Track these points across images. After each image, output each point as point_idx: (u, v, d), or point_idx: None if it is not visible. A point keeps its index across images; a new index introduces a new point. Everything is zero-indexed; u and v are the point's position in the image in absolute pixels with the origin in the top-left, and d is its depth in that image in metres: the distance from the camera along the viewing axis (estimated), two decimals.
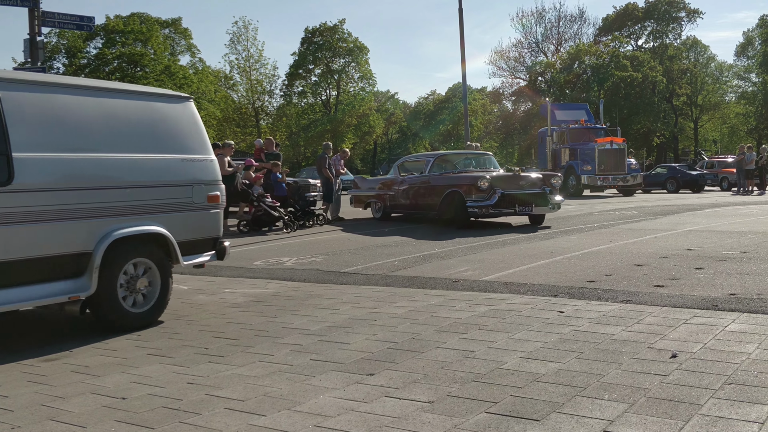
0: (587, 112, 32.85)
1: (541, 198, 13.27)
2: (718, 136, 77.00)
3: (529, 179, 13.70)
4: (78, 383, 4.34)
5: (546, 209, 13.38)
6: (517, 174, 13.88)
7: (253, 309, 6.50)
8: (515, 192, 13.15)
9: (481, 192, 12.91)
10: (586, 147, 27.81)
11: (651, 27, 65.01)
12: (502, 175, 13.91)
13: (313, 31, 61.37)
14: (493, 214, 13.07)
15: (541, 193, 13.32)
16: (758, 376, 3.92)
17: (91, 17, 15.32)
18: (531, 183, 13.53)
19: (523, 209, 13.13)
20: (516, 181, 13.51)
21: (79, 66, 57.32)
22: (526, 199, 13.11)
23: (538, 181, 13.58)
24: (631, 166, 28.06)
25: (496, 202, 12.85)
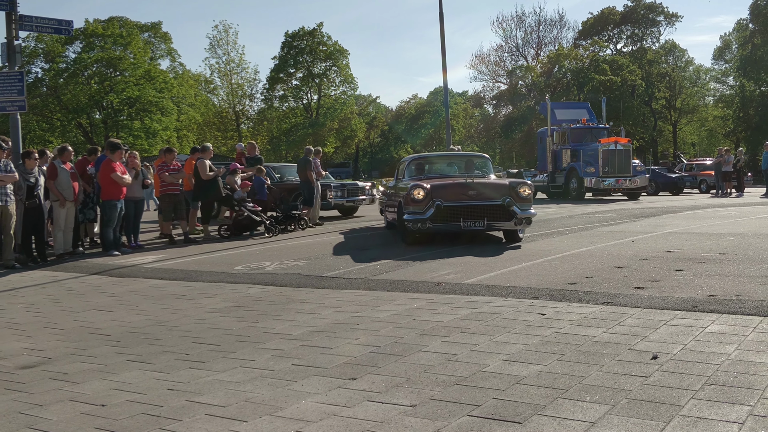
0: (589, 111, 31.46)
1: (500, 211, 10.83)
2: (696, 139, 77.78)
3: (485, 188, 11.18)
4: (56, 390, 4.29)
5: (506, 225, 10.97)
6: (469, 182, 11.33)
7: (234, 314, 6.46)
8: (460, 204, 10.89)
9: (416, 203, 10.91)
10: (589, 148, 26.59)
11: (629, 31, 65.59)
12: (450, 183, 11.51)
13: (294, 35, 61.36)
14: (432, 229, 10.96)
15: (498, 205, 10.82)
16: (738, 376, 3.95)
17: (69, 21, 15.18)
18: (486, 193, 11.04)
19: (471, 224, 10.83)
20: (464, 190, 11.09)
21: (58, 70, 56.82)
22: (474, 213, 10.87)
23: (498, 191, 11.05)
24: (637, 168, 26.62)
25: (431, 215, 10.76)
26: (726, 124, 62.72)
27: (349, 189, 19.29)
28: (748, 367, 4.11)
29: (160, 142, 54.78)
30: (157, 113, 58.10)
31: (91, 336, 5.79)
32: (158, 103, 57.54)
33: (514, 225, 10.90)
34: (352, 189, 19.41)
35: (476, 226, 10.83)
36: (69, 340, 5.69)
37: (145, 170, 13.84)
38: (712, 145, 69.40)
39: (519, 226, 10.97)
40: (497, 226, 11.02)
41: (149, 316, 6.59)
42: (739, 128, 58.69)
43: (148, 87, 56.87)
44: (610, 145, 25.98)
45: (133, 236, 13.08)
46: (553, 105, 30.43)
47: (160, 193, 14.40)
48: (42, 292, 8.39)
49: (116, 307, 7.17)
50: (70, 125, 57.03)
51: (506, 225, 10.97)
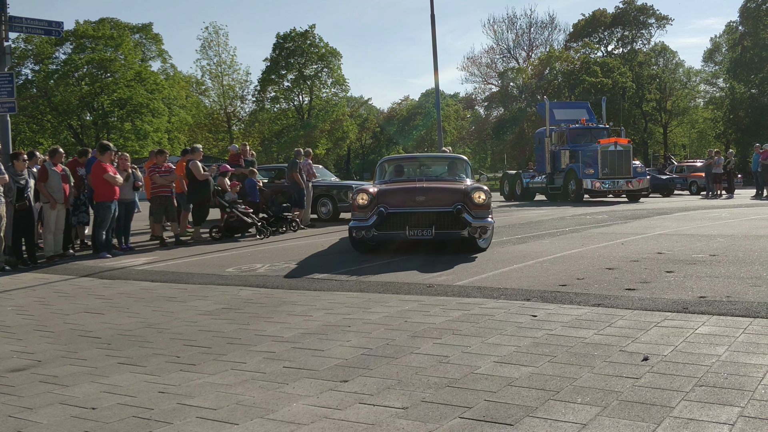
0: (588, 110, 30.50)
1: (449, 219, 9.94)
2: (687, 141, 78.10)
3: (436, 194, 10.24)
4: (46, 393, 4.27)
5: (457, 234, 10.01)
6: (418, 187, 10.39)
7: (225, 316, 6.44)
8: (406, 210, 10.05)
9: (361, 209, 10.18)
10: (588, 148, 25.87)
11: (620, 33, 65.84)
12: (398, 188, 10.67)
13: (285, 37, 61.32)
14: (377, 237, 10.18)
15: (448, 213, 9.92)
16: (728, 377, 3.96)
17: (60, 22, 15.13)
18: (436, 199, 10.10)
19: (418, 233, 9.94)
20: (412, 196, 10.19)
21: (48, 72, 56.61)
22: (422, 220, 9.98)
23: (450, 197, 10.11)
24: (638, 169, 25.80)
25: (374, 222, 9.96)
26: (716, 126, 63.02)
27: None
28: (739, 368, 4.13)
29: (151, 144, 54.67)
30: (148, 115, 57.97)
31: (81, 338, 5.77)
32: (149, 105, 57.42)
33: (467, 234, 9.89)
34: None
35: (423, 235, 9.90)
36: (59, 342, 5.67)
37: (136, 172, 13.80)
38: (702, 147, 69.74)
39: (474, 236, 9.95)
40: (447, 235, 10.05)
41: (140, 318, 6.57)
42: (729, 130, 58.98)
43: (138, 88, 56.75)
44: (610, 145, 25.35)
45: (123, 238, 13.04)
46: (551, 105, 29.79)
47: (151, 195, 14.36)
48: (32, 295, 8.35)
49: (107, 309, 7.14)
50: (61, 127, 56.83)
51: (457, 234, 10.00)
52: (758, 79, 55.41)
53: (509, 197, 30.98)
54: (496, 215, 18.68)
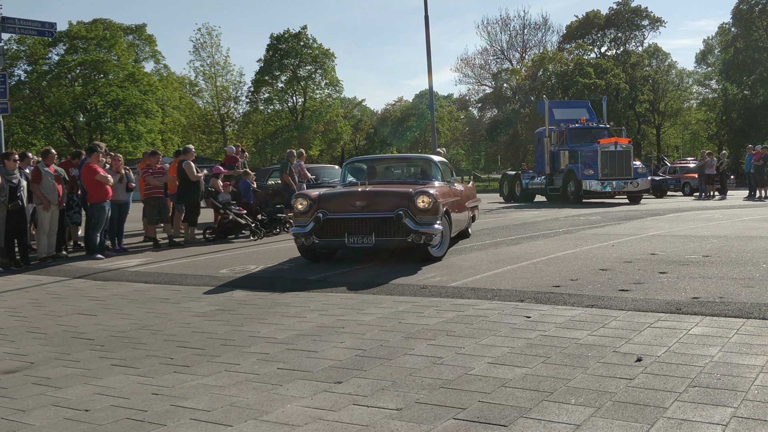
0: (589, 110, 29.67)
1: (390, 225, 9.20)
2: (680, 142, 78.37)
3: (377, 198, 9.45)
4: (39, 395, 4.25)
5: (400, 242, 9.24)
6: (358, 191, 9.64)
7: (218, 318, 6.43)
8: (344, 216, 9.38)
9: (301, 215, 9.59)
10: (588, 149, 25.22)
11: (613, 34, 65.98)
12: (340, 192, 10.05)
13: (278, 38, 61.26)
14: (318, 245, 9.57)
15: (388, 218, 9.19)
16: (721, 378, 3.97)
17: (53, 23, 15.11)
18: (377, 204, 9.36)
19: (357, 240, 9.28)
20: (352, 200, 9.49)
21: (41, 73, 56.44)
22: (361, 226, 9.30)
23: (393, 202, 9.32)
24: (638, 170, 25.23)
25: (311, 229, 9.34)
26: (709, 127, 63.22)
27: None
28: (732, 368, 4.14)
29: (145, 145, 54.57)
30: (141, 116, 57.86)
31: (74, 340, 5.75)
32: (142, 106, 57.31)
33: (411, 242, 9.12)
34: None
35: (363, 243, 9.25)
36: (52, 344, 5.65)
37: (129, 174, 13.77)
38: (695, 148, 69.94)
39: (419, 243, 9.15)
40: (388, 242, 9.32)
41: (133, 320, 6.55)
42: (722, 131, 59.17)
43: (132, 89, 56.64)
44: (610, 146, 24.75)
45: (117, 239, 13.01)
46: (551, 104, 29.10)
47: (144, 196, 14.33)
48: (25, 296, 8.32)
49: (100, 311, 7.12)
50: (54, 128, 56.66)
51: (399, 242, 9.25)
52: (751, 80, 55.61)
53: (508, 198, 30.62)
54: (490, 216, 18.81)
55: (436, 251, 9.65)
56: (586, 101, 34.31)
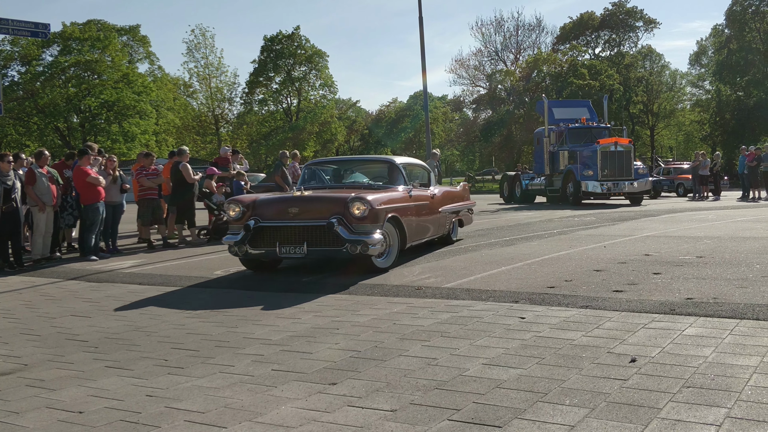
0: (590, 109, 29.00)
1: (323, 234, 8.50)
2: (674, 143, 78.57)
3: (311, 204, 8.85)
4: (33, 397, 4.24)
5: (335, 252, 8.53)
6: (293, 196, 9.10)
7: (213, 319, 6.42)
8: (276, 224, 8.74)
9: (234, 222, 9.08)
10: (587, 149, 24.55)
11: (607, 36, 66.10)
12: (276, 197, 9.50)
13: (272, 39, 61.23)
14: (253, 255, 8.98)
15: (320, 227, 8.50)
16: (715, 379, 3.98)
17: (46, 24, 15.08)
18: (311, 211, 8.70)
19: (289, 250, 8.61)
20: (286, 207, 8.87)
21: (35, 74, 56.29)
22: (293, 235, 8.63)
23: (328, 209, 8.64)
24: (639, 171, 24.62)
25: (242, 237, 8.75)
26: (703, 128, 63.38)
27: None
28: (725, 369, 4.15)
29: (139, 146, 54.44)
30: (135, 117, 57.73)
31: (68, 342, 5.74)
32: (136, 107, 57.18)
33: (347, 252, 8.40)
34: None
35: (295, 253, 8.59)
36: (46, 346, 5.63)
37: (123, 175, 13.75)
38: (689, 149, 70.10)
39: (355, 254, 8.42)
40: (322, 253, 8.66)
41: (127, 321, 6.54)
42: (715, 132, 59.32)
43: (126, 90, 56.50)
44: (610, 146, 24.04)
45: (111, 241, 12.98)
46: (550, 103, 28.44)
47: (138, 198, 14.30)
48: (18, 298, 8.29)
49: (94, 312, 7.10)
50: (47, 129, 56.50)
51: (333, 252, 8.56)
52: (744, 81, 55.79)
53: (509, 199, 30.07)
54: (485, 218, 18.81)
55: (382, 262, 8.96)
56: (587, 100, 33.61)
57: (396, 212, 9.14)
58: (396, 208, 9.21)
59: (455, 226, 12.21)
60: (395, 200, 9.36)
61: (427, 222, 10.52)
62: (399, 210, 9.26)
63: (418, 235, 10.17)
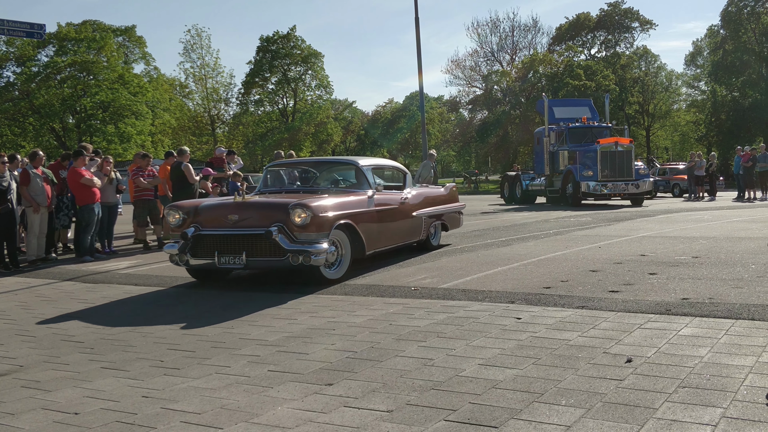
0: (591, 108, 28.28)
1: (262, 244, 7.83)
2: (669, 144, 78.67)
3: (252, 211, 8.20)
4: (28, 399, 4.23)
5: (276, 262, 7.88)
6: (234, 202, 8.46)
7: (208, 320, 6.41)
8: (215, 232, 8.09)
9: (175, 230, 8.45)
10: (587, 149, 24.09)
11: (603, 36, 66.20)
12: (217, 203, 8.73)
13: (268, 40, 61.21)
14: (195, 265, 8.37)
15: (259, 236, 7.81)
16: (711, 379, 3.99)
17: (41, 24, 15.07)
18: (250, 219, 8.04)
19: (228, 260, 7.94)
20: (225, 214, 8.19)
21: (30, 74, 56.17)
22: (231, 245, 7.97)
23: (268, 216, 7.96)
24: (640, 171, 24.12)
25: (181, 246, 8.14)
26: (698, 128, 63.51)
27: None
28: (721, 369, 4.16)
29: (135, 147, 54.37)
30: (131, 117, 57.65)
31: (63, 343, 5.72)
32: (132, 108, 57.10)
33: (289, 262, 7.74)
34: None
35: (234, 264, 7.95)
36: (41, 347, 5.62)
37: (119, 176, 13.73)
38: (684, 149, 70.24)
39: (296, 264, 7.75)
40: (263, 263, 8.03)
41: (123, 322, 6.53)
42: (711, 133, 59.45)
43: (122, 91, 56.42)
44: (610, 145, 23.59)
45: (107, 242, 12.96)
46: (551, 102, 27.87)
47: (134, 198, 14.29)
48: (14, 299, 8.27)
49: (89, 313, 7.09)
50: (43, 130, 56.39)
51: (275, 262, 7.91)
52: (739, 82, 55.94)
53: (509, 200, 29.53)
54: (481, 218, 18.82)
55: (332, 272, 8.27)
56: (589, 99, 33.07)
57: (350, 218, 8.43)
58: (350, 214, 8.49)
59: (437, 231, 11.53)
60: (350, 205, 8.64)
61: (396, 227, 9.82)
62: (354, 216, 8.55)
63: (384, 242, 9.47)
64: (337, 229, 8.21)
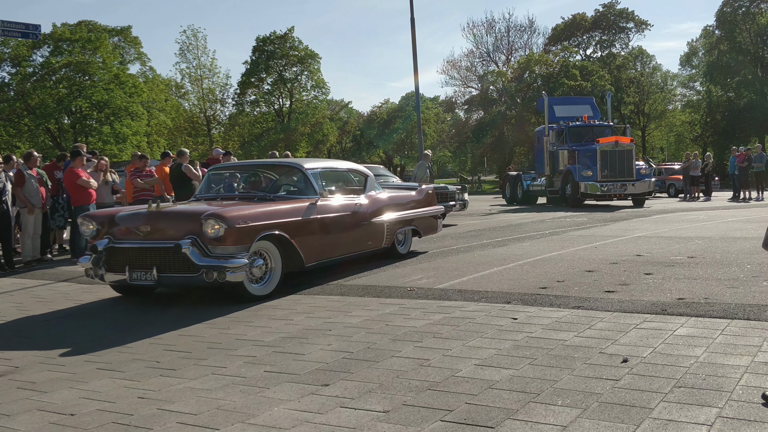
0: (593, 107, 27.78)
1: (172, 258, 7.04)
2: (665, 144, 78.75)
3: (164, 221, 7.36)
4: (24, 400, 4.22)
5: (189, 279, 7.11)
6: (148, 212, 7.50)
7: (205, 321, 6.40)
8: (126, 245, 7.36)
9: (91, 241, 7.74)
10: (587, 149, 23.51)
11: (598, 37, 66.29)
12: (127, 213, 7.74)
13: (265, 40, 61.12)
14: (113, 282, 7.66)
15: (168, 249, 7.03)
16: (706, 378, 4.00)
17: (37, 25, 15.03)
18: (162, 229, 7.26)
19: (139, 276, 7.21)
20: (137, 224, 7.42)
21: (25, 75, 56.05)
22: (142, 259, 7.23)
23: (181, 226, 7.19)
24: (641, 171, 23.57)
25: (92, 260, 7.47)
26: (693, 129, 63.59)
27: (438, 194, 16.05)
28: (717, 369, 4.17)
29: (130, 147, 54.25)
30: (126, 118, 57.52)
31: (59, 344, 5.71)
32: (128, 108, 56.98)
33: (203, 279, 6.95)
34: (441, 193, 16.63)
35: (145, 280, 7.21)
36: (37, 348, 5.61)
37: (115, 177, 13.70)
38: (680, 150, 70.27)
39: (210, 281, 6.93)
40: (175, 280, 7.28)
41: (119, 323, 6.52)
42: (706, 133, 59.53)
43: (117, 91, 56.29)
44: (610, 145, 23.01)
45: None
46: (552, 101, 27.39)
47: (132, 199, 14.25)
48: (9, 300, 8.26)
49: (85, 314, 7.08)
50: (38, 130, 56.22)
51: (188, 279, 7.12)
52: (734, 82, 56.03)
53: (511, 201, 29.03)
54: (477, 219, 18.83)
55: (259, 288, 7.43)
56: (591, 97, 32.41)
57: (281, 228, 7.58)
58: (281, 223, 7.63)
59: (407, 237, 10.61)
60: (281, 214, 7.77)
61: (349, 236, 8.99)
62: (287, 225, 7.69)
63: (331, 252, 8.66)
64: (265, 240, 7.41)
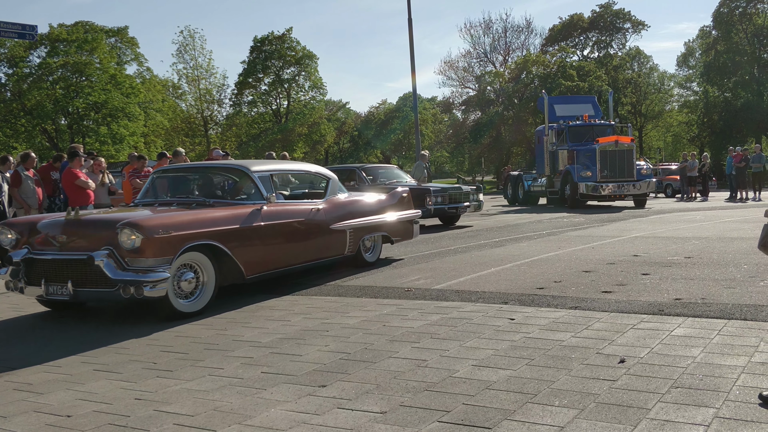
0: (594, 105, 27.08)
1: (87, 271, 6.39)
2: (662, 144, 78.85)
3: (81, 231, 6.67)
4: (21, 401, 4.21)
5: (106, 294, 6.40)
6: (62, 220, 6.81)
7: (202, 322, 6.40)
8: (41, 256, 6.69)
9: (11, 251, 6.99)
10: (586, 148, 22.99)
11: (595, 37, 66.37)
12: (47, 222, 6.95)
13: (262, 40, 61.10)
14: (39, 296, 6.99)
15: (82, 261, 6.39)
16: (703, 379, 4.00)
17: (33, 26, 15.00)
18: (78, 239, 6.59)
19: (56, 290, 6.54)
20: (54, 233, 6.71)
21: (22, 75, 55.99)
22: (57, 272, 6.57)
23: (96, 236, 6.52)
24: (642, 171, 22.97)
25: (10, 273, 6.86)
26: (690, 129, 63.68)
27: (451, 195, 16.31)
28: (713, 369, 4.17)
29: (127, 148, 54.19)
30: (123, 119, 57.46)
31: (55, 345, 5.70)
32: (125, 109, 56.92)
33: (120, 295, 6.24)
34: (455, 195, 16.50)
35: (60, 294, 6.54)
36: (33, 349, 5.60)
37: (112, 178, 13.68)
38: (677, 150, 70.39)
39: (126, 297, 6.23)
40: (90, 294, 6.60)
41: (115, 323, 6.50)
42: (703, 133, 59.62)
43: (114, 92, 56.23)
44: (610, 144, 22.48)
45: None
46: (552, 100, 26.89)
47: (131, 200, 14.24)
48: (6, 301, 8.23)
49: (82, 315, 7.06)
50: (35, 131, 56.15)
51: (104, 294, 6.45)
52: (731, 83, 56.14)
53: (512, 201, 28.53)
54: (474, 219, 18.84)
55: (187, 304, 6.71)
56: (592, 96, 31.58)
57: (213, 238, 6.84)
58: (214, 232, 6.87)
59: (376, 244, 9.87)
60: (215, 222, 7.01)
61: (302, 244, 8.30)
62: (222, 234, 6.94)
63: (279, 262, 7.94)
64: (194, 251, 6.70)
